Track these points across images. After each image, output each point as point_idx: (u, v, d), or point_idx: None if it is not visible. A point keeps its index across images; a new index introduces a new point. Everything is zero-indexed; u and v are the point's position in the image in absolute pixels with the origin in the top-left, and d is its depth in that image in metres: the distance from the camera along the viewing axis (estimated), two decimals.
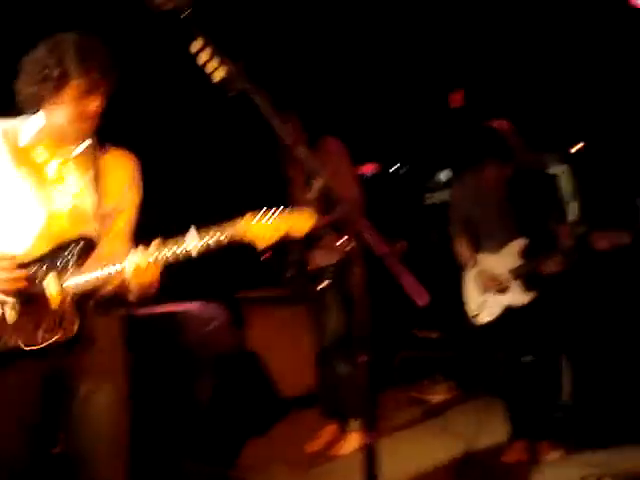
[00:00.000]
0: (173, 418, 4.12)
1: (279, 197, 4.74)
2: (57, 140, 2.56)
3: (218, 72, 1.86)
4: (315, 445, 4.62)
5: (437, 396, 5.61)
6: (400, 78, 7.31)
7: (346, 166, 4.50)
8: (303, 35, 6.44)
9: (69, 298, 2.43)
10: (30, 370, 2.43)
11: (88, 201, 2.59)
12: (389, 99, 7.40)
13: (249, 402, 4.79)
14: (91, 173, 2.60)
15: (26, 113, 2.56)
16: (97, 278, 2.42)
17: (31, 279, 2.39)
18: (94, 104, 2.50)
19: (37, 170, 2.54)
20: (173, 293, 4.52)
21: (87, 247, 2.50)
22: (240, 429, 4.73)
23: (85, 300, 2.47)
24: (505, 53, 6.95)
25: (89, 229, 2.56)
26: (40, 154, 2.56)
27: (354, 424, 4.53)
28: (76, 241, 2.50)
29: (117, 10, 4.93)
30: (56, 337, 2.39)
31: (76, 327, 2.42)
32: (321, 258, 4.57)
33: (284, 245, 4.61)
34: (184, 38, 1.88)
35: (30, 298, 2.39)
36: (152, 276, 2.39)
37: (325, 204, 4.26)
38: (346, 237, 1.69)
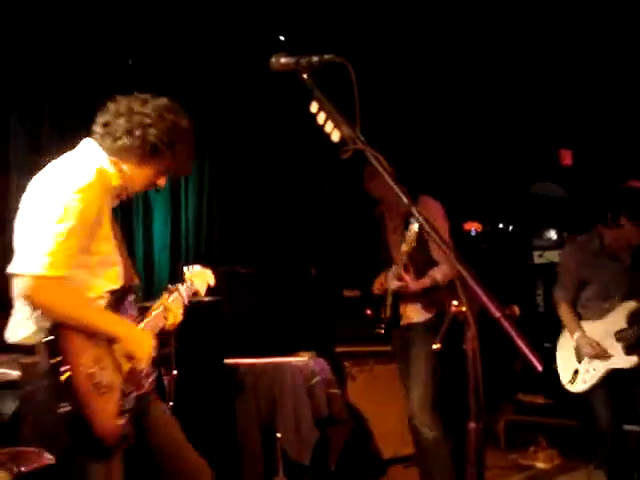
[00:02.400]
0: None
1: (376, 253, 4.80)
2: (120, 192, 2.66)
3: (334, 134, 1.90)
4: None
5: (541, 463, 5.42)
6: (509, 135, 7.30)
7: (442, 225, 4.42)
8: (408, 96, 6.56)
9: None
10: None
11: (124, 250, 2.73)
12: (498, 155, 7.38)
13: (346, 460, 4.72)
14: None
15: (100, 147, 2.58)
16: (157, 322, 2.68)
17: None
18: (162, 181, 2.71)
19: (109, 218, 2.62)
20: (272, 347, 4.58)
21: (135, 292, 2.69)
22: None
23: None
24: (615, 112, 6.85)
25: (133, 277, 2.74)
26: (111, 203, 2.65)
27: None
28: (130, 288, 2.66)
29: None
30: (153, 384, 2.63)
31: (155, 373, 2.68)
32: (415, 314, 4.51)
33: (377, 302, 4.64)
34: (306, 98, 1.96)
35: None
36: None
37: (414, 267, 4.25)
38: (460, 299, 1.67)
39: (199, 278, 3.02)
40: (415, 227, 3.92)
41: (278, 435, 4.05)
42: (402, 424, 5.13)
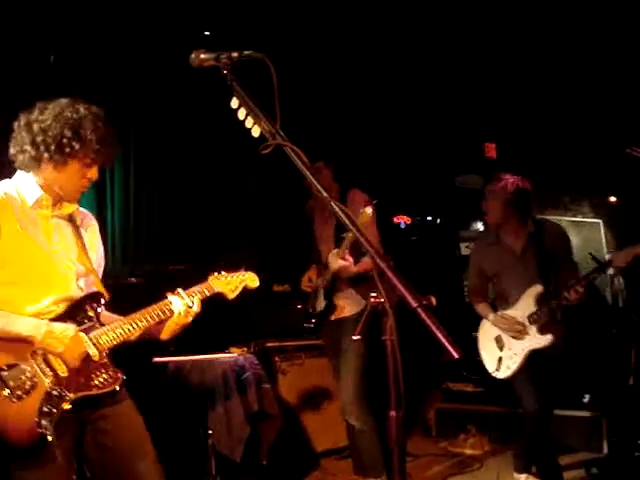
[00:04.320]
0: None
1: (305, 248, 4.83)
2: (55, 201, 2.67)
3: (254, 129, 1.91)
4: None
5: (471, 450, 5.53)
6: (435, 128, 7.42)
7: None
8: (334, 89, 6.59)
9: (105, 351, 2.60)
10: (71, 420, 2.51)
11: (85, 259, 2.74)
12: (423, 148, 7.49)
13: (279, 455, 4.73)
14: (76, 233, 2.75)
15: (17, 169, 2.65)
16: (124, 331, 2.64)
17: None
18: (92, 174, 2.67)
19: (43, 231, 2.63)
20: (202, 344, 4.56)
21: (98, 301, 2.68)
22: None
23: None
24: (538, 106, 7.03)
25: (94, 284, 2.74)
26: (43, 214, 2.65)
27: None
28: (88, 297, 2.67)
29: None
30: (108, 386, 2.56)
31: (119, 376, 2.60)
32: (347, 308, 4.55)
33: (307, 296, 4.66)
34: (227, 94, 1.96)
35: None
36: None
37: (353, 256, 4.29)
38: (378, 290, 1.70)
39: (225, 280, 2.98)
40: (369, 210, 3.97)
41: (210, 432, 4.04)
42: (334, 417, 5.19)
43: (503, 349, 4.21)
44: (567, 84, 6.76)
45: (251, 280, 3.07)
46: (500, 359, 4.21)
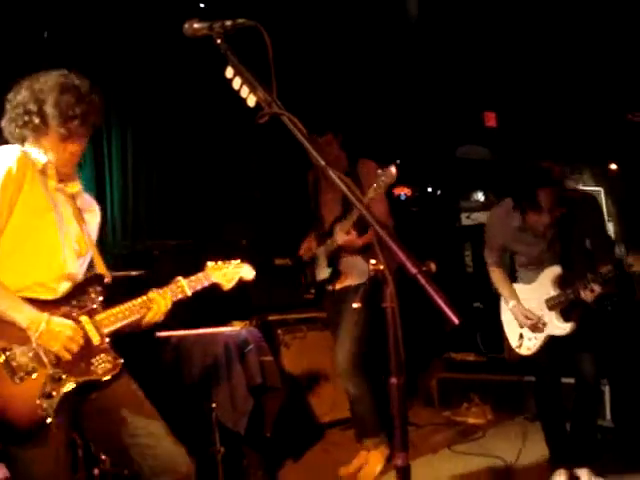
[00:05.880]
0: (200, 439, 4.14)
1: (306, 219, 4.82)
2: (58, 176, 2.62)
3: (250, 99, 1.89)
4: (349, 469, 4.58)
5: (474, 419, 5.56)
6: (435, 98, 7.37)
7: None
8: (338, 59, 6.55)
9: (106, 336, 2.58)
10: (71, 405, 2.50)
11: (85, 239, 2.71)
12: (423, 119, 7.45)
13: (283, 427, 4.76)
14: (77, 213, 2.71)
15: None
16: (125, 314, 2.62)
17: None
18: (73, 148, 2.61)
19: (49, 199, 2.58)
20: (204, 318, 4.57)
21: (101, 284, 2.65)
22: (276, 454, 4.72)
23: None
24: (538, 74, 6.98)
25: (98, 266, 2.71)
26: (50, 184, 2.60)
27: (369, 443, 4.54)
28: (90, 279, 2.64)
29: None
30: (108, 372, 2.55)
31: (119, 361, 2.59)
32: (352, 277, 4.55)
33: (307, 266, 4.66)
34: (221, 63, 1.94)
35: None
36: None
37: (357, 225, 4.28)
38: (378, 257, 1.69)
39: (222, 271, 2.95)
40: (393, 169, 3.94)
41: (213, 405, 4.06)
42: (338, 388, 5.21)
43: (524, 326, 4.01)
44: (567, 50, 6.71)
45: (247, 272, 3.04)
46: (521, 335, 4.03)
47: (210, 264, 2.95)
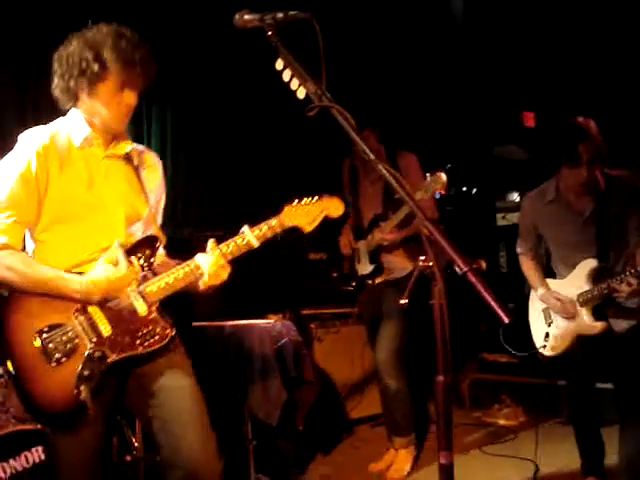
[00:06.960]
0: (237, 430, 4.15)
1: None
2: (104, 135, 2.54)
3: (300, 91, 1.88)
4: (379, 465, 4.58)
5: (505, 420, 5.52)
6: (472, 98, 7.31)
7: (421, 181, 4.39)
8: (383, 54, 6.53)
9: (155, 305, 2.46)
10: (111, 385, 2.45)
11: (142, 202, 2.62)
12: (462, 119, 7.39)
13: (314, 420, 4.76)
14: (135, 173, 2.63)
15: (61, 108, 2.56)
16: (175, 280, 2.46)
17: None
18: (129, 99, 2.49)
19: (93, 173, 2.51)
20: (239, 310, 4.58)
21: (153, 247, 2.51)
22: (306, 448, 4.73)
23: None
24: (577, 74, 6.90)
25: (149, 228, 2.61)
26: (94, 154, 2.54)
27: (400, 441, 4.55)
28: (142, 242, 2.51)
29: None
30: (155, 344, 2.42)
31: (168, 332, 2.45)
32: (396, 270, 4.54)
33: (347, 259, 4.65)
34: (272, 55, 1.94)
35: (118, 311, 2.41)
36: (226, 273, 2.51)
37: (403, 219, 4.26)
38: (427, 254, 1.68)
39: (305, 210, 2.65)
40: (443, 176, 3.95)
41: (247, 397, 4.08)
42: (369, 385, 5.22)
43: (551, 325, 3.87)
44: (609, 51, 6.61)
45: (335, 208, 2.70)
46: (547, 335, 3.87)
47: (287, 207, 2.63)
